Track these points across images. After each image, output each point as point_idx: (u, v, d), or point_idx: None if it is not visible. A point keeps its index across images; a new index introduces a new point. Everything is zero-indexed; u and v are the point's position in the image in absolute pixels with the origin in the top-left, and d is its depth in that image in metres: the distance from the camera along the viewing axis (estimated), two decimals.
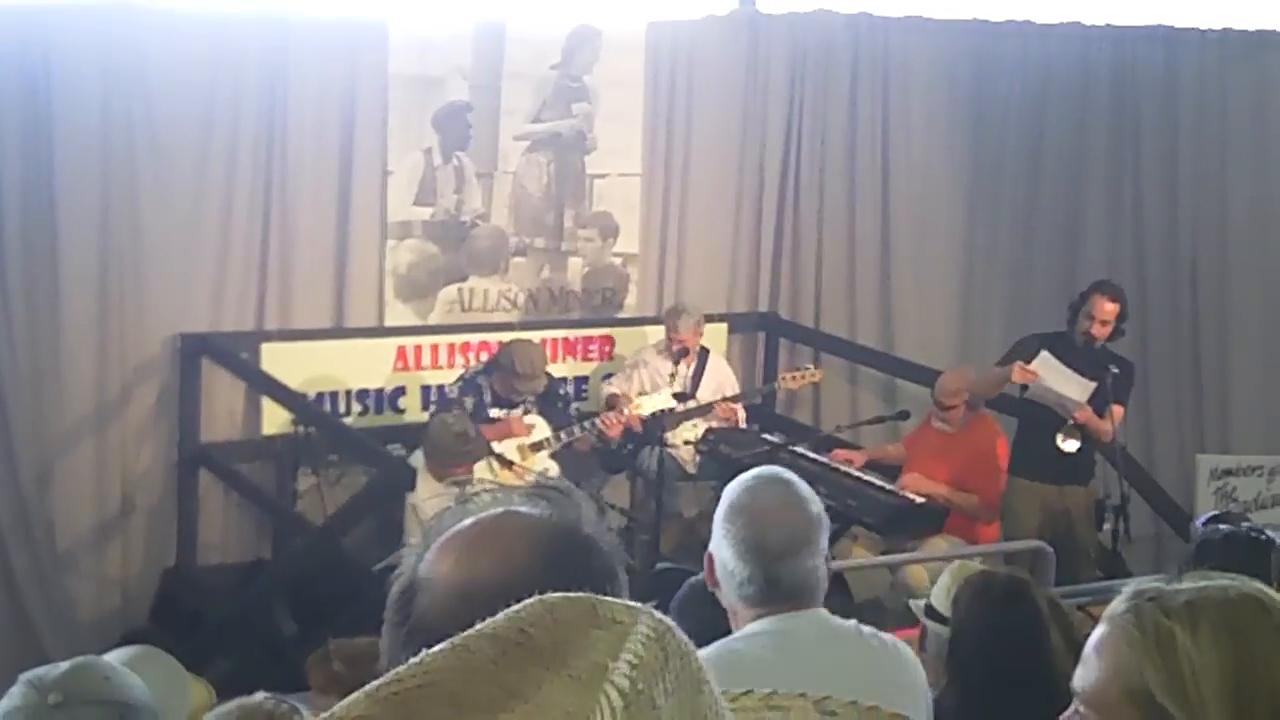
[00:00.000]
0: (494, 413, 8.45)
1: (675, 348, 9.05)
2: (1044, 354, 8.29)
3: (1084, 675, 2.01)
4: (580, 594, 0.99)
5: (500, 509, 1.59)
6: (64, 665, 2.80)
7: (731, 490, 3.45)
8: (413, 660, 0.96)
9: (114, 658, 3.07)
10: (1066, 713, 2.04)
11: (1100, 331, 8.32)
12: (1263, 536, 4.85)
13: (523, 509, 1.59)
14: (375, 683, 0.96)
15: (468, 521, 1.57)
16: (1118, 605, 2.00)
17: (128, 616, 8.35)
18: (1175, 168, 10.89)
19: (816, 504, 3.44)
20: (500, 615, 0.97)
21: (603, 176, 9.76)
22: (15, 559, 8.13)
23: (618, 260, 9.90)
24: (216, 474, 8.75)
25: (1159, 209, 10.91)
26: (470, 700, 0.94)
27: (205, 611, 8.17)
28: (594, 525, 1.59)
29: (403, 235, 9.23)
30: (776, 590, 3.26)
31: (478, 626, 0.97)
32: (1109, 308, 8.33)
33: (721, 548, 3.35)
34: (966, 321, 10.67)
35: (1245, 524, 5.46)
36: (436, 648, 0.97)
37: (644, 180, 9.88)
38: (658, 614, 0.96)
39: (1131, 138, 10.89)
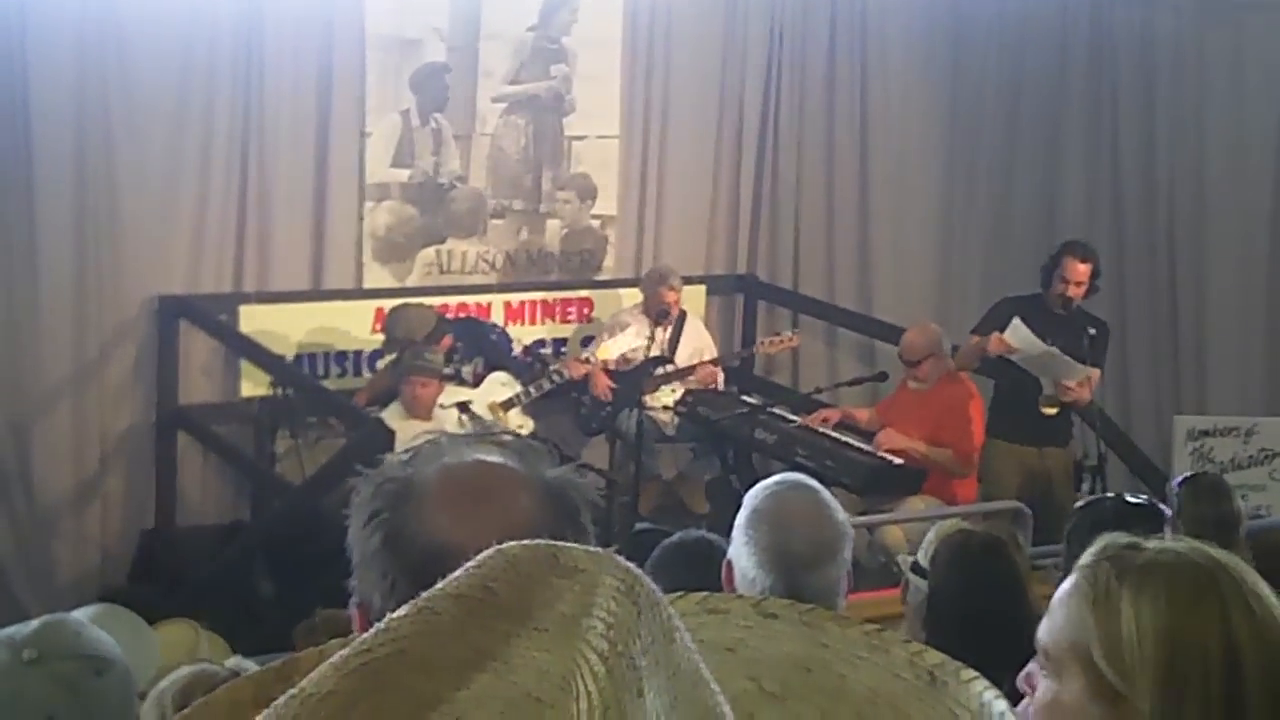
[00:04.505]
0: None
1: (658, 310, 9.03)
2: (1015, 321, 8.29)
3: (1046, 626, 2.03)
4: (540, 542, 0.98)
5: (475, 458, 1.61)
6: (34, 623, 2.79)
7: (754, 495, 3.35)
8: (378, 626, 0.95)
9: (79, 615, 3.07)
10: (1030, 664, 2.05)
11: (1075, 292, 8.32)
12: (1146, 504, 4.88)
13: (494, 458, 1.61)
14: (342, 652, 0.95)
15: (457, 465, 1.60)
16: (1085, 558, 2.01)
17: (106, 577, 8.34)
18: (1152, 129, 10.87)
19: (842, 512, 3.35)
20: (461, 572, 0.96)
21: (581, 138, 9.73)
22: None
23: (596, 222, 9.88)
24: (195, 436, 8.73)
25: (1136, 170, 10.90)
26: (441, 664, 0.93)
27: (184, 572, 8.16)
28: (562, 476, 1.62)
29: (380, 197, 9.21)
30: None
31: (440, 585, 0.96)
32: (1081, 268, 8.33)
33: (741, 555, 3.23)
34: (944, 283, 10.68)
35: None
36: (401, 611, 0.95)
37: (622, 142, 9.86)
38: (621, 561, 0.96)
39: (1109, 99, 10.88)
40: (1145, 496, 5.04)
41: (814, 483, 3.50)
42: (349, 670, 0.93)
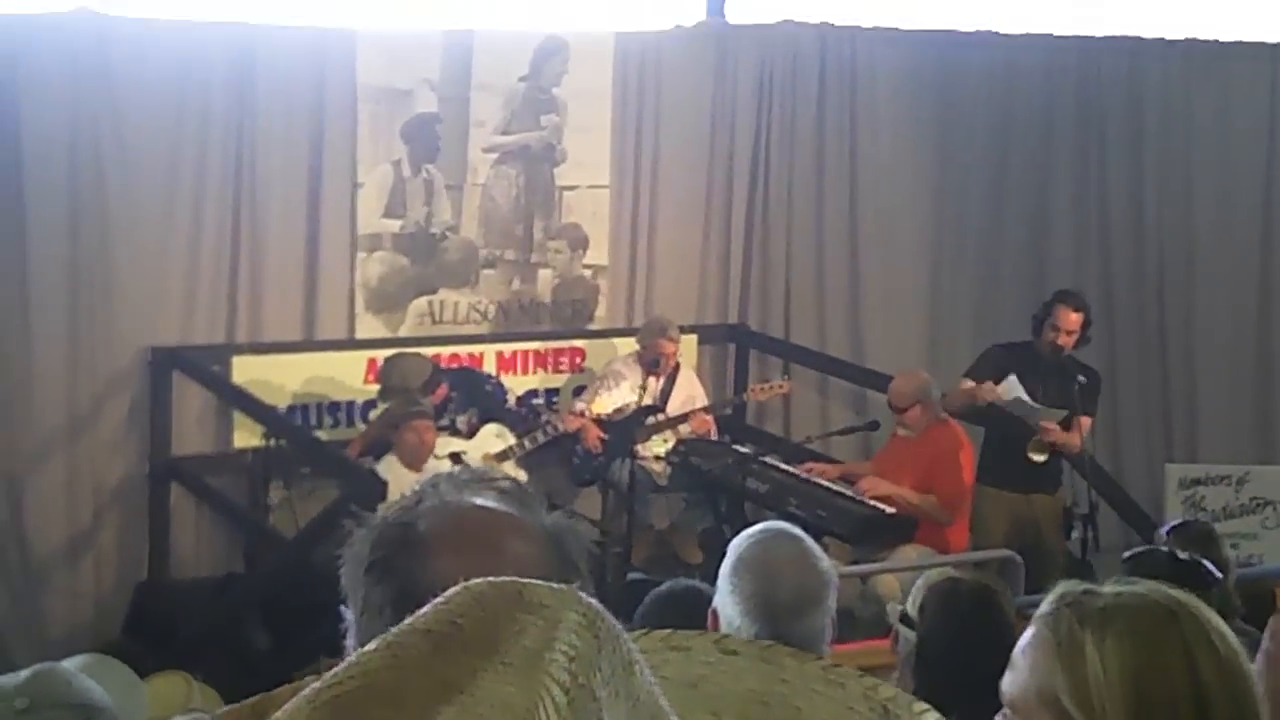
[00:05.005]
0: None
1: (651, 360, 9.05)
2: (1011, 379, 8.32)
3: (1010, 679, 2.04)
4: (505, 579, 1.01)
5: (475, 504, 1.62)
6: (24, 672, 2.82)
7: (739, 544, 3.35)
8: (347, 660, 0.98)
9: (70, 665, 3.09)
10: (995, 717, 2.07)
11: (1065, 341, 8.35)
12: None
13: (493, 505, 1.63)
14: (313, 686, 0.97)
15: (458, 511, 1.61)
16: (1043, 608, 2.03)
17: (100, 630, 8.33)
18: (1141, 177, 10.95)
19: (826, 561, 3.36)
20: (429, 608, 0.99)
21: (572, 188, 9.79)
22: None
23: (587, 272, 9.92)
24: (188, 487, 8.74)
25: (1125, 218, 10.97)
26: (408, 697, 0.95)
27: (178, 625, 8.15)
28: (560, 522, 1.63)
29: (372, 248, 9.25)
30: None
31: (407, 621, 0.99)
32: (1073, 318, 8.37)
33: (726, 604, 3.24)
34: (935, 331, 10.71)
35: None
36: (369, 646, 0.98)
37: (613, 192, 9.91)
38: (584, 597, 0.98)
39: (1097, 147, 10.95)
40: (1191, 555, 4.95)
41: (798, 531, 3.51)
42: (320, 703, 0.96)
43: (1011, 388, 8.31)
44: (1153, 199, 10.95)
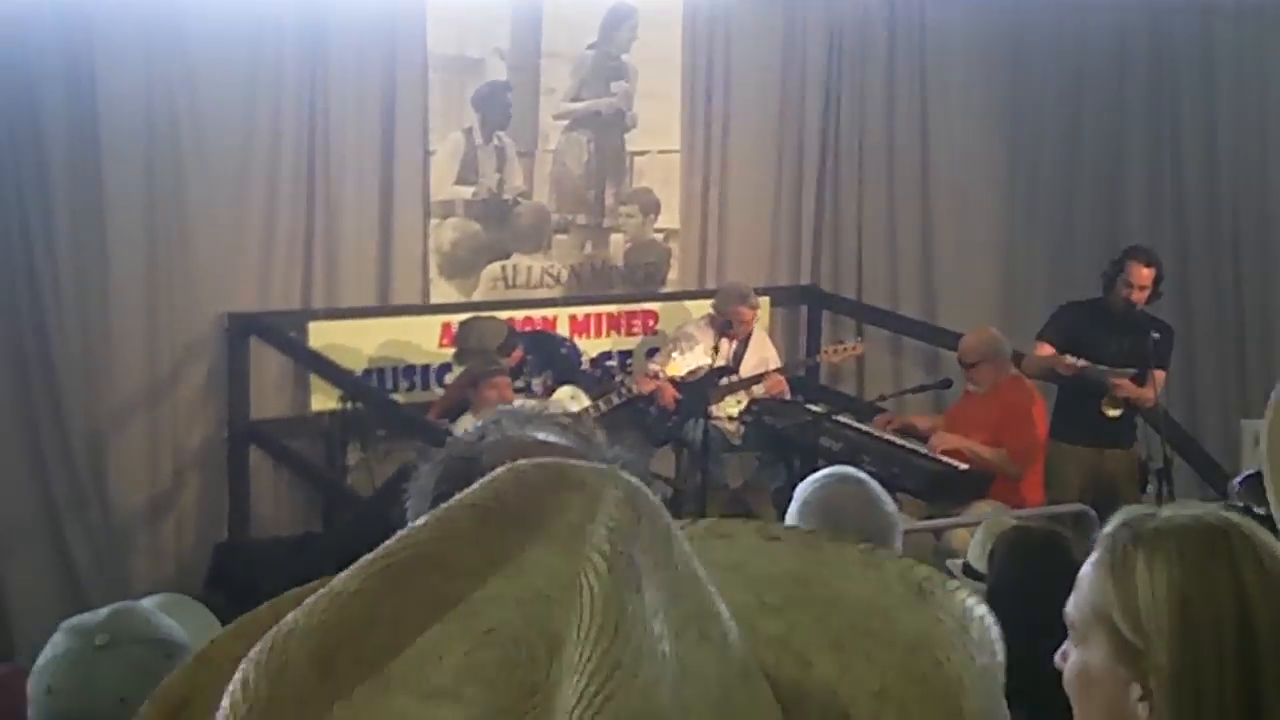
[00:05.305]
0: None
1: (729, 322, 9.08)
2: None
3: (1072, 600, 2.08)
4: (549, 460, 1.06)
5: (538, 439, 1.67)
6: (104, 611, 2.83)
7: (804, 488, 3.36)
8: (398, 533, 1.03)
9: (148, 603, 3.14)
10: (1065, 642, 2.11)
11: (1138, 297, 8.30)
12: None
13: (555, 439, 1.67)
14: (366, 557, 1.03)
15: (521, 445, 1.64)
16: (1105, 529, 2.07)
17: (182, 588, 8.33)
18: (1214, 137, 10.86)
19: (891, 504, 3.37)
20: (475, 486, 1.03)
21: (643, 154, 9.83)
22: (70, 535, 8.25)
23: (659, 236, 9.97)
24: (266, 450, 8.85)
25: (1199, 178, 10.89)
26: (458, 567, 1.00)
27: (257, 583, 8.25)
28: (620, 456, 1.66)
29: (445, 214, 9.32)
30: None
31: (455, 498, 1.04)
32: (1145, 273, 8.32)
33: None
34: (1008, 290, 10.69)
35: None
36: (418, 521, 1.03)
37: (684, 156, 9.94)
38: (623, 474, 1.03)
39: (1170, 108, 10.87)
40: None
41: (862, 474, 3.53)
42: (373, 571, 1.01)
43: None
44: (1226, 158, 10.86)
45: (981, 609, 1.11)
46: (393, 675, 0.97)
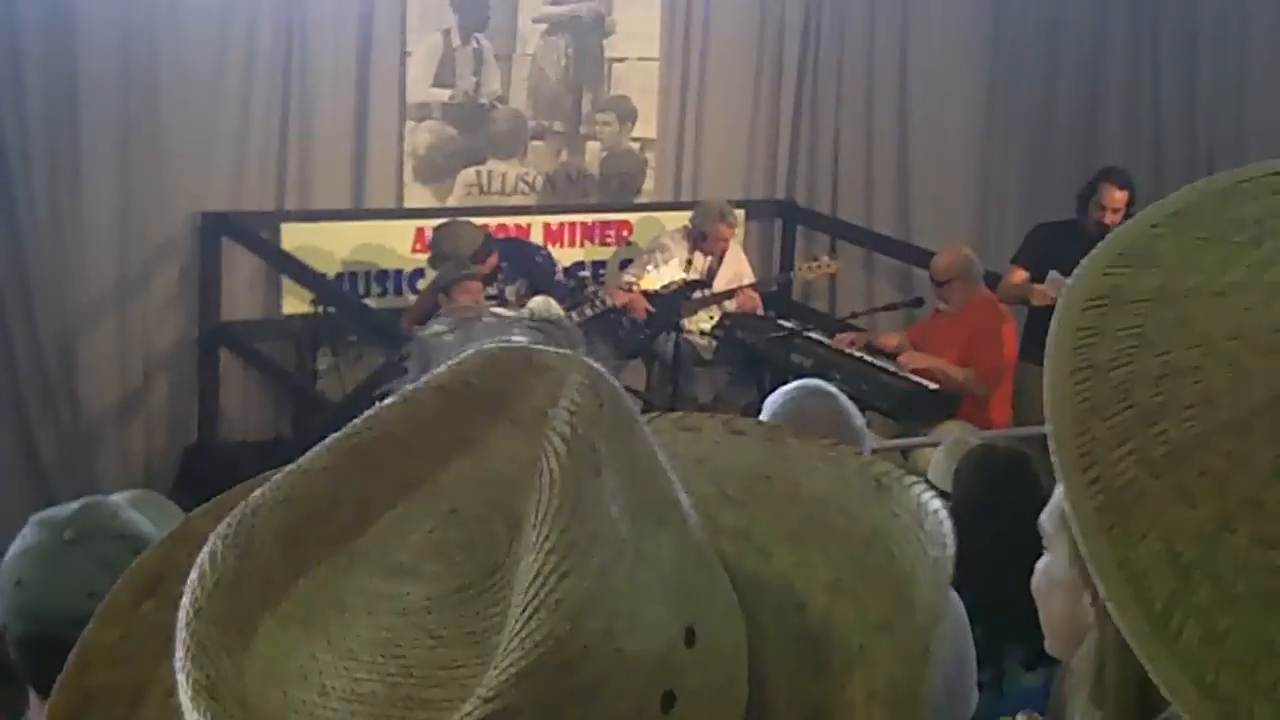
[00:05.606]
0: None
1: (704, 234, 9.05)
2: (1053, 274, 8.31)
3: (1046, 509, 2.10)
4: (516, 344, 1.07)
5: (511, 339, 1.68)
6: (73, 505, 2.83)
7: (772, 402, 3.37)
8: (366, 414, 1.04)
9: (117, 499, 3.13)
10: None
11: (1111, 219, 8.30)
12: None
13: (523, 339, 1.68)
14: (333, 435, 1.04)
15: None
16: None
17: (151, 491, 8.45)
18: (1195, 49, 10.86)
19: (859, 417, 3.38)
20: (443, 368, 1.04)
21: (621, 60, 9.77)
22: (39, 434, 8.25)
23: (635, 145, 9.93)
24: (237, 352, 8.83)
25: (1177, 97, 10.90)
26: (424, 448, 1.01)
27: (226, 487, 8.21)
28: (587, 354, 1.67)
29: (421, 117, 9.27)
30: None
31: (423, 379, 1.05)
32: (1118, 195, 8.33)
33: None
34: (983, 209, 10.70)
35: None
36: (386, 401, 1.04)
37: (662, 65, 9.89)
38: (588, 361, 1.04)
39: (1150, 24, 10.86)
40: None
41: (830, 387, 3.53)
42: (340, 450, 1.02)
43: (1054, 281, 8.30)
44: (1205, 75, 10.85)
45: (935, 503, 1.13)
46: (356, 552, 0.99)
